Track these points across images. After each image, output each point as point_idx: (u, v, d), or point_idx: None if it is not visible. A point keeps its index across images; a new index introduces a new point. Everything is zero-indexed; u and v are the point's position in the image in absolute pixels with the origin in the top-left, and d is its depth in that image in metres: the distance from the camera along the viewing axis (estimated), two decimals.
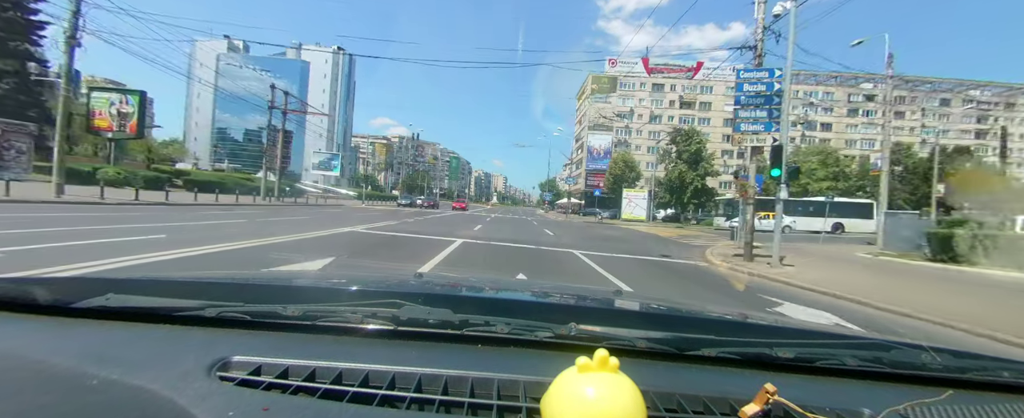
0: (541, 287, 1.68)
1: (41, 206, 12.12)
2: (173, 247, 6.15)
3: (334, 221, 14.63)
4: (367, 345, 0.75)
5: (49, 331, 0.72)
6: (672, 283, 7.39)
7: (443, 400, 0.59)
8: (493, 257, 8.58)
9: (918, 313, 5.47)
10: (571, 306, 1.27)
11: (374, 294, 0.96)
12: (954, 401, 0.67)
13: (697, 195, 46.02)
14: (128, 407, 0.51)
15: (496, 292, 1.43)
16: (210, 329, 0.76)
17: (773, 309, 5.37)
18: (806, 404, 0.59)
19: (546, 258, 9.02)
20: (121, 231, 7.74)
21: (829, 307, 5.81)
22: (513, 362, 0.71)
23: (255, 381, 0.60)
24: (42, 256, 4.95)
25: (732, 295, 6.96)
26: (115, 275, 1.99)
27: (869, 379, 0.77)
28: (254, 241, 7.62)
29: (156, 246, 6.15)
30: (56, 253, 5.18)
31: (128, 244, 6.21)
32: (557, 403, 0.51)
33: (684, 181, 45.55)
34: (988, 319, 5.05)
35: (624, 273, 7.50)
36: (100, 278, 0.94)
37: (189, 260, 5.48)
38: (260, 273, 2.58)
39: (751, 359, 0.79)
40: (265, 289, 1.06)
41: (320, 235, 9.67)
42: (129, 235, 7.21)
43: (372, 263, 6.85)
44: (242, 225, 10.77)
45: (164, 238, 7.16)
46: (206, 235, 7.91)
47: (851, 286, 7.20)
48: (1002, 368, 0.81)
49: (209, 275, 1.25)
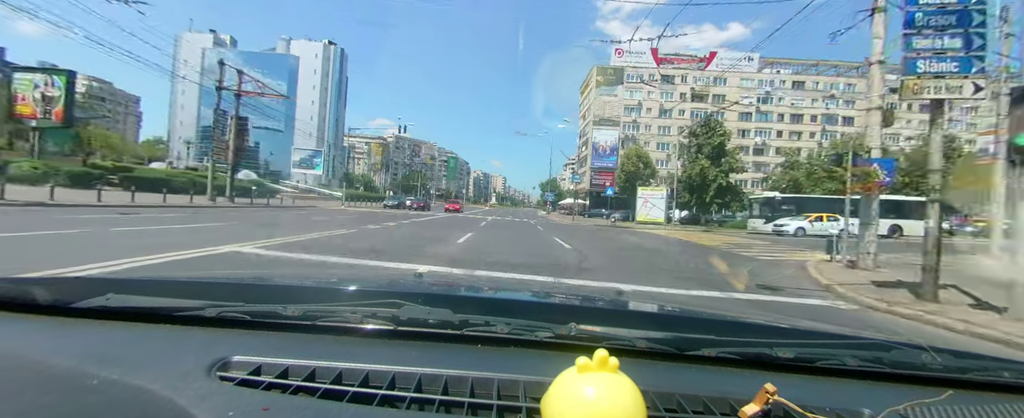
0: (541, 287, 1.71)
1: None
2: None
3: (239, 233, 9.55)
4: (367, 345, 0.75)
5: (49, 331, 0.72)
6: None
7: (443, 400, 0.59)
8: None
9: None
10: (571, 306, 1.26)
11: (374, 294, 0.96)
12: (954, 401, 0.67)
13: (720, 193, 40.08)
14: (128, 407, 0.52)
15: (496, 292, 1.42)
16: (210, 329, 0.76)
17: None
18: (806, 404, 0.59)
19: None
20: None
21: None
22: (513, 362, 0.71)
23: (255, 381, 0.60)
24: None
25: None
26: (115, 275, 1.85)
27: (869, 379, 0.77)
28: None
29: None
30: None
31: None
32: (557, 403, 0.51)
33: (705, 178, 39.41)
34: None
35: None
36: (100, 278, 0.94)
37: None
38: (260, 273, 2.47)
39: (751, 359, 0.79)
40: (265, 289, 1.05)
41: (137, 264, 5.08)
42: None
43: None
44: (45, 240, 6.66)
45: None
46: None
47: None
48: (1002, 368, 0.81)
49: (209, 275, 1.28)
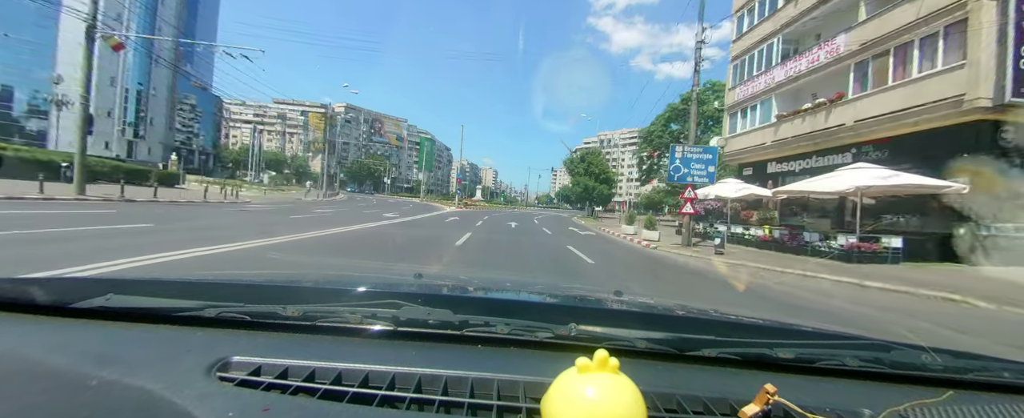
0: (541, 288, 1.66)
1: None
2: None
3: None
4: (367, 345, 0.74)
5: (49, 331, 0.72)
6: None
7: (443, 400, 0.59)
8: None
9: None
10: (571, 307, 1.26)
11: (374, 294, 0.95)
12: (954, 402, 0.67)
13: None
14: (128, 407, 0.51)
15: (496, 293, 1.42)
16: (210, 329, 0.76)
17: None
18: (806, 404, 0.59)
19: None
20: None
21: None
22: (513, 363, 0.71)
23: (255, 381, 0.60)
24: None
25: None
26: (115, 275, 1.80)
27: (869, 379, 0.77)
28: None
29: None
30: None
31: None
32: (557, 404, 0.50)
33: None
34: None
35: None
36: (101, 278, 0.93)
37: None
38: (260, 274, 2.39)
39: (751, 359, 0.79)
40: (265, 289, 1.05)
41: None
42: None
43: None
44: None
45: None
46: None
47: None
48: (1002, 368, 0.81)
49: (209, 276, 1.23)
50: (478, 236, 11.66)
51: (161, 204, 14.55)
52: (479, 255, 8.04)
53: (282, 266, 5.29)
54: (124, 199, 14.06)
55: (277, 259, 5.64)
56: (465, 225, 15.78)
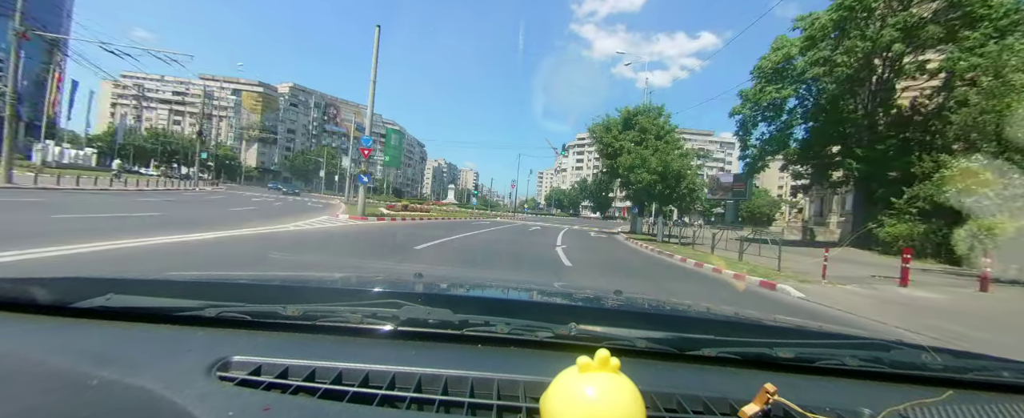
0: (541, 287, 1.65)
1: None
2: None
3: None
4: (367, 345, 0.74)
5: (49, 331, 0.72)
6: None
7: (443, 400, 0.59)
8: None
9: None
10: (571, 306, 1.26)
11: (374, 294, 0.95)
12: (954, 401, 0.67)
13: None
14: (128, 407, 0.52)
15: (496, 292, 1.42)
16: (210, 329, 0.76)
17: None
18: (806, 404, 0.59)
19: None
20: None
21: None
22: (513, 362, 0.71)
23: (255, 381, 0.60)
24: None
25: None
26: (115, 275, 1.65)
27: (869, 379, 0.77)
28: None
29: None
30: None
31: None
32: (557, 403, 0.50)
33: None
34: None
35: None
36: (101, 278, 0.90)
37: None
38: (260, 273, 2.46)
39: (751, 359, 0.79)
40: (265, 289, 1.04)
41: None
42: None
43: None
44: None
45: None
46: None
47: None
48: (1002, 368, 0.81)
49: (209, 275, 1.22)
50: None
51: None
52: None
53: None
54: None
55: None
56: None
